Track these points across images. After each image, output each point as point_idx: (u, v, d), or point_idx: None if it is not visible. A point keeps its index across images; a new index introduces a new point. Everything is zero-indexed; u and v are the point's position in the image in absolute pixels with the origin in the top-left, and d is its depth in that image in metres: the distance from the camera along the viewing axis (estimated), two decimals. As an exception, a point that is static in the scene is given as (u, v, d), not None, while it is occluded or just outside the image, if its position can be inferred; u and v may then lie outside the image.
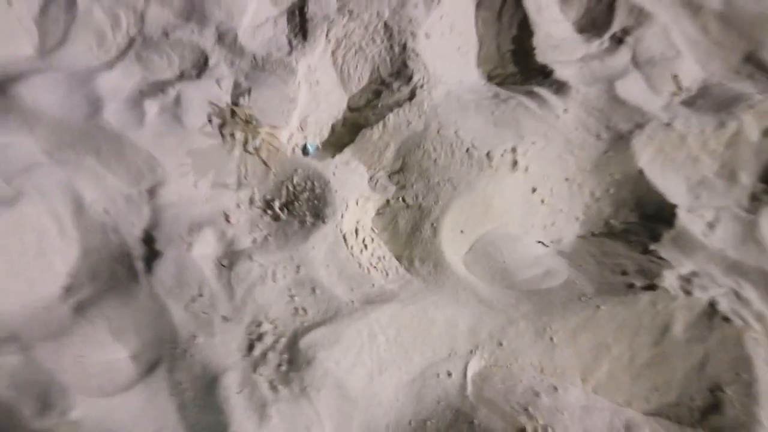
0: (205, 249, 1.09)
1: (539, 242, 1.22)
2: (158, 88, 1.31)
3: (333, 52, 1.44)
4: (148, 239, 1.10)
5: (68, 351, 0.99)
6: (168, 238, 1.10)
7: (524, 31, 1.54)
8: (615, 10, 1.59)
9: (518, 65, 1.49)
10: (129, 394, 0.94)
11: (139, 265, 1.07)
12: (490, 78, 1.49)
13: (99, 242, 1.10)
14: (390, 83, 1.40)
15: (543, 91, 1.41)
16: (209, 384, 0.94)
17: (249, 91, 1.33)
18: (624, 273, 1.17)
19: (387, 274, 1.13)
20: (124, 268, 1.07)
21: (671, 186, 1.30)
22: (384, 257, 1.16)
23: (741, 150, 1.35)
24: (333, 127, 1.36)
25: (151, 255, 1.08)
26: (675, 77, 1.47)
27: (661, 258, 1.18)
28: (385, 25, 1.47)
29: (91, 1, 1.44)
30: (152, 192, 1.16)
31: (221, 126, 1.28)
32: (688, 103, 1.43)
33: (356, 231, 1.17)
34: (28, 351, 0.97)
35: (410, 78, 1.39)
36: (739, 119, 1.36)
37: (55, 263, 1.07)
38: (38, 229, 1.09)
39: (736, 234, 1.23)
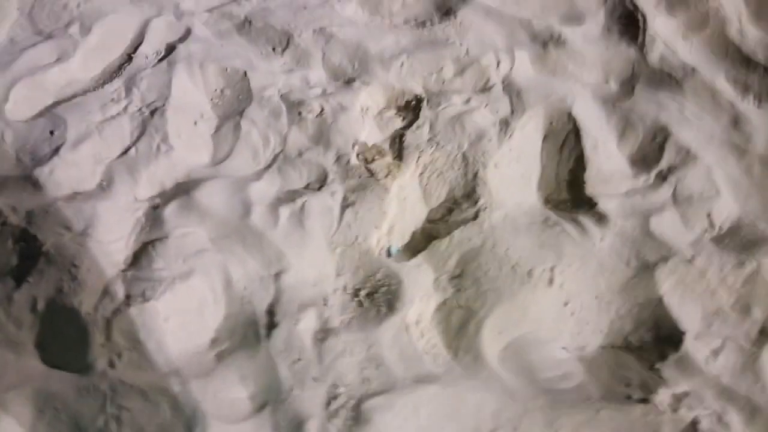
0: (308, 324, 1.54)
1: (564, 348, 1.54)
2: (290, 197, 1.82)
3: (420, 174, 1.88)
4: (271, 312, 1.58)
5: (210, 387, 1.48)
6: (284, 313, 1.58)
7: (579, 164, 1.88)
8: (665, 149, 1.87)
9: (571, 193, 1.83)
10: (245, 424, 1.41)
11: (263, 331, 1.55)
12: (545, 201, 1.84)
13: (238, 310, 1.60)
14: (461, 203, 1.80)
15: (585, 220, 1.73)
16: (297, 426, 1.38)
17: (353, 203, 1.79)
18: (627, 385, 1.45)
19: (436, 360, 1.52)
20: (252, 332, 1.56)
21: (687, 314, 1.56)
22: (436, 345, 1.55)
23: (757, 288, 1.58)
24: (413, 234, 1.78)
25: (271, 325, 1.55)
26: (709, 215, 1.72)
27: (661, 377, 1.45)
28: (463, 155, 1.89)
29: (250, 125, 2.00)
30: (277, 276, 1.65)
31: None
32: (717, 240, 1.68)
33: (417, 322, 1.58)
34: (185, 384, 1.47)
35: (476, 201, 1.78)
36: (758, 261, 1.59)
37: (208, 322, 1.58)
38: (201, 297, 1.61)
39: (736, 363, 1.46)
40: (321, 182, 1.83)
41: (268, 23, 2.30)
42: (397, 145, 1.91)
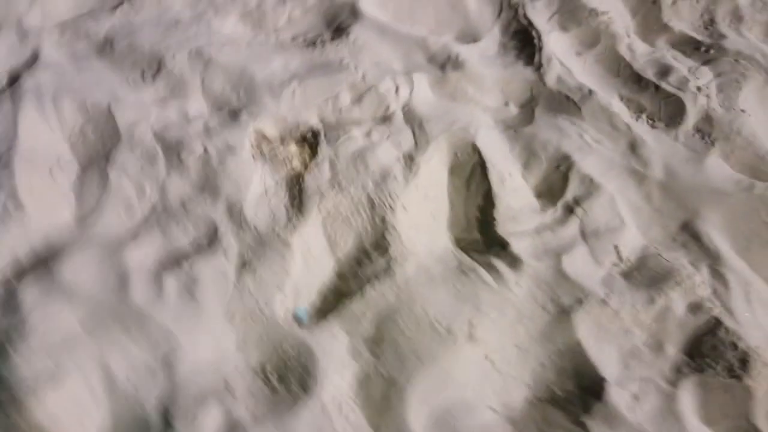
0: (209, 420, 1.34)
1: (491, 408, 1.46)
2: (175, 260, 1.57)
3: (323, 221, 1.70)
4: (164, 409, 1.35)
5: None
6: (179, 409, 1.35)
7: (488, 201, 1.80)
8: (569, 179, 1.84)
9: (482, 233, 1.75)
10: None
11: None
12: (457, 242, 1.75)
13: (124, 411, 1.35)
14: (370, 253, 1.66)
15: (499, 264, 1.66)
16: None
17: (251, 263, 1.59)
18: (555, 444, 1.41)
19: (358, 441, 1.38)
20: (142, 435, 1.33)
21: (605, 357, 1.54)
22: (358, 424, 1.41)
23: (668, 324, 1.59)
24: (321, 293, 1.62)
25: (166, 425, 1.33)
26: (616, 247, 1.72)
27: (587, 430, 1.42)
28: (369, 198, 1.74)
29: (120, 172, 1.71)
30: (167, 362, 1.41)
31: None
32: (626, 274, 1.68)
33: (335, 399, 1.42)
34: None
35: (387, 250, 1.65)
36: (668, 296, 1.60)
37: (89, 430, 1.32)
38: (76, 401, 1.34)
39: (658, 407, 1.46)
40: (211, 238, 1.61)
41: (133, 44, 1.98)
42: (296, 188, 1.72)
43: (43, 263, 1.50)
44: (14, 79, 1.85)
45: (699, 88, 2.05)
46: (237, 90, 1.91)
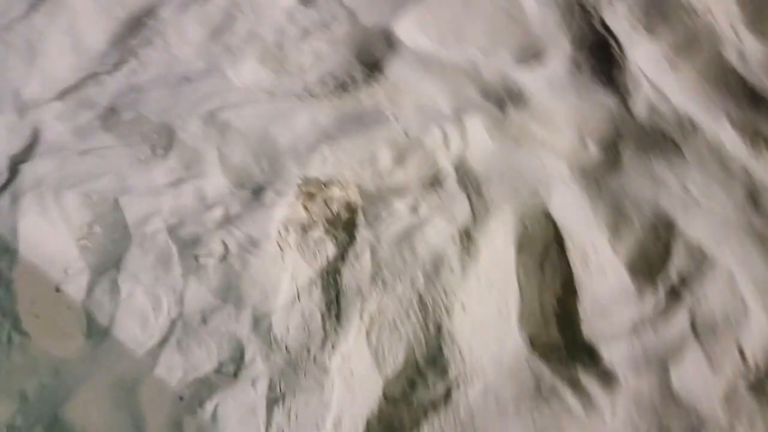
0: None
1: None
2: (196, 396, 1.34)
3: (367, 332, 1.42)
4: None
5: None
6: None
7: (568, 291, 1.45)
8: (671, 250, 1.45)
9: (563, 334, 1.41)
10: None
11: None
12: (532, 344, 1.42)
13: None
14: (425, 373, 1.36)
15: (589, 382, 1.33)
16: None
17: (284, 396, 1.33)
18: None
19: None
20: None
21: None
22: None
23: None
24: (368, 423, 1.35)
25: None
26: (740, 349, 1.34)
27: None
28: (420, 298, 1.43)
29: (133, 284, 1.48)
30: None
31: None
32: (755, 387, 1.31)
33: None
34: None
35: (445, 370, 1.35)
36: (813, 419, 1.22)
37: None
38: None
39: None
40: (237, 363, 1.35)
41: (140, 112, 1.72)
42: (332, 289, 1.43)
43: (49, 404, 1.30)
44: (14, 170, 1.63)
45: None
46: (259, 160, 1.62)
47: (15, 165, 1.67)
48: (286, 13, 1.93)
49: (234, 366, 1.38)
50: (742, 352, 1.33)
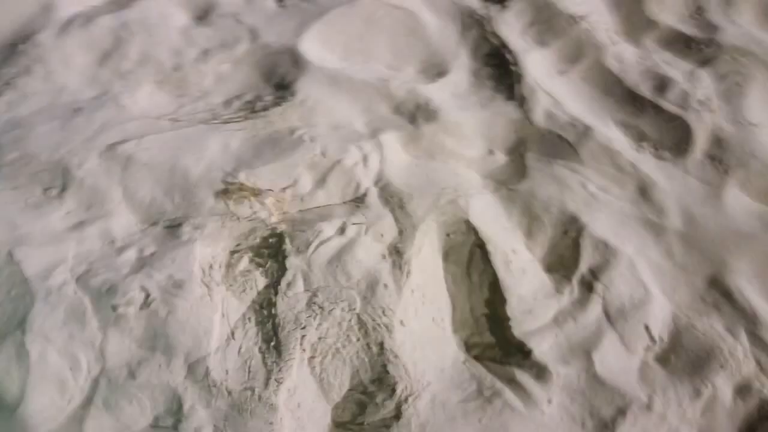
0: None
1: None
2: (136, 457, 1.25)
3: (310, 360, 1.40)
4: None
5: None
6: None
7: (496, 293, 1.53)
8: (580, 245, 1.59)
9: (495, 334, 1.49)
10: None
11: None
12: (468, 348, 1.48)
13: None
14: (373, 393, 1.38)
15: (524, 378, 1.42)
16: None
17: (232, 441, 1.29)
18: None
19: None
20: None
21: (657, 475, 1.34)
22: None
23: (717, 415, 1.40)
24: (321, 453, 1.34)
25: None
26: (647, 327, 1.49)
27: None
28: (359, 319, 1.44)
29: (43, 344, 1.35)
30: None
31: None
32: (663, 359, 1.47)
33: None
34: None
35: (393, 389, 1.37)
36: (713, 383, 1.40)
37: None
38: None
39: None
40: (175, 415, 1.28)
41: (26, 151, 1.55)
42: (268, 323, 1.40)
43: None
44: None
45: (701, 102, 1.79)
46: (170, 194, 1.53)
47: None
48: (180, 33, 1.84)
49: (172, 419, 1.31)
50: (649, 331, 1.48)
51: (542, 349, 1.42)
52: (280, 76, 1.79)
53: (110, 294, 1.38)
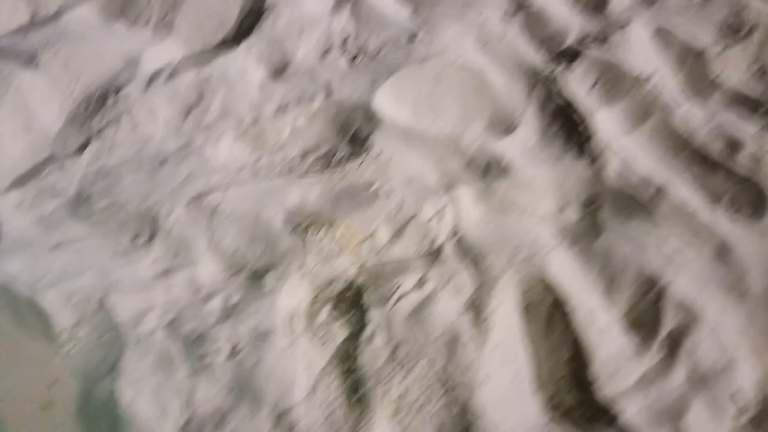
0: None
1: None
2: None
3: (393, 416, 1.39)
4: None
5: None
6: None
7: (578, 354, 1.51)
8: (660, 309, 1.57)
9: (578, 396, 1.47)
10: None
11: None
12: (550, 408, 1.46)
13: None
14: (457, 456, 1.36)
15: (612, 446, 1.38)
16: None
17: (317, 499, 1.27)
18: None
19: None
20: None
21: None
22: None
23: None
24: None
25: None
26: (734, 395, 1.45)
27: None
28: (441, 377, 1.43)
29: (134, 391, 1.36)
30: None
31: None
32: (754, 427, 1.42)
33: None
34: None
35: (478, 453, 1.35)
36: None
37: None
38: None
39: None
40: (262, 469, 1.27)
41: (116, 200, 1.61)
42: (350, 377, 1.40)
43: None
44: (-27, 276, 1.46)
45: (773, 166, 1.79)
46: (254, 244, 1.57)
47: (-29, 268, 1.49)
48: (258, 89, 1.92)
49: (258, 472, 1.30)
50: (735, 397, 1.45)
51: (628, 414, 1.40)
52: (355, 131, 1.85)
53: (198, 343, 1.41)
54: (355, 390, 1.41)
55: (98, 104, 1.83)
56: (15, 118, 1.78)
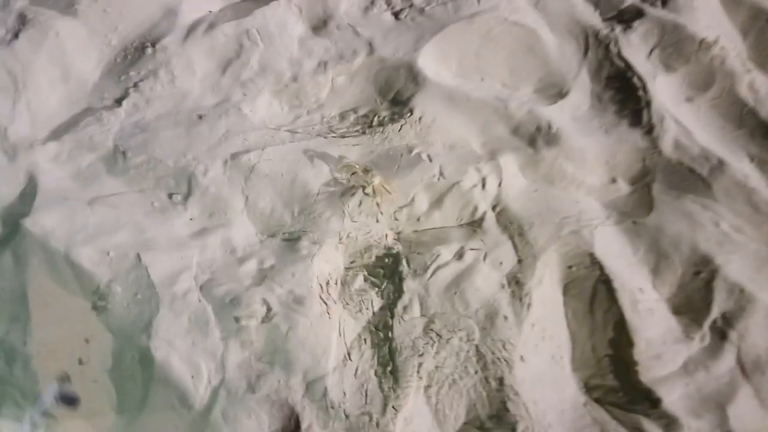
0: None
1: None
2: (255, 474, 1.25)
3: (426, 390, 1.37)
4: None
5: None
6: None
7: (622, 335, 1.45)
8: (713, 290, 1.49)
9: (619, 378, 1.42)
10: None
11: None
12: (588, 389, 1.41)
13: None
14: (490, 429, 1.33)
15: (653, 429, 1.34)
16: None
17: (349, 467, 1.27)
18: None
19: None
20: None
21: None
22: None
23: None
24: (436, 487, 1.30)
25: None
26: (787, 384, 1.38)
27: None
28: (477, 351, 1.39)
29: (167, 350, 1.36)
30: None
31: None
32: (805, 421, 1.36)
33: None
34: None
35: (513, 428, 1.32)
36: None
37: None
38: None
39: None
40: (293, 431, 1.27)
41: (152, 155, 1.58)
42: (385, 347, 1.37)
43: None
44: (13, 226, 1.46)
45: None
46: (290, 206, 1.53)
47: (13, 218, 1.49)
48: (299, 43, 1.84)
49: (290, 435, 1.30)
50: (788, 388, 1.37)
51: (672, 398, 1.34)
52: (397, 91, 1.76)
53: (233, 305, 1.39)
54: (389, 360, 1.38)
55: (136, 55, 1.78)
56: (52, 68, 1.76)
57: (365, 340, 1.40)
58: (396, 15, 1.89)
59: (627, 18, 1.92)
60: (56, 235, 1.45)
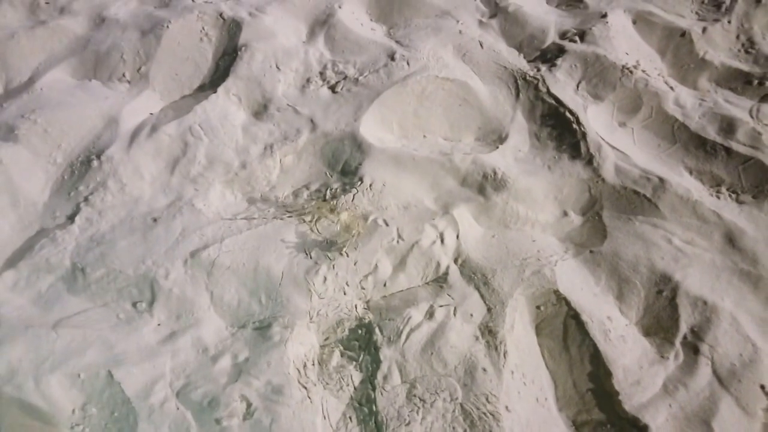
0: None
1: None
2: None
3: (418, 458, 1.36)
4: None
5: None
6: None
7: (599, 367, 1.47)
8: (678, 306, 1.53)
9: (604, 411, 1.43)
10: None
11: None
12: (577, 427, 1.42)
13: None
14: (488, 487, 1.32)
15: (647, 460, 1.34)
16: None
17: None
18: None
19: None
20: None
21: None
22: None
23: None
24: None
25: None
26: (762, 387, 1.41)
27: None
28: (463, 409, 1.39)
29: None
30: None
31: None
32: (786, 423, 1.38)
33: None
34: None
35: (509, 481, 1.31)
36: None
37: None
38: None
39: None
40: None
41: (111, 267, 1.58)
42: (371, 422, 1.36)
43: None
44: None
45: (774, 139, 1.74)
46: (256, 295, 1.53)
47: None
48: (242, 131, 1.89)
49: None
50: (764, 388, 1.41)
51: (659, 423, 1.36)
52: (345, 162, 1.81)
53: (212, 407, 1.37)
54: (376, 429, 1.37)
55: (83, 169, 1.80)
56: (0, 197, 1.75)
57: (350, 417, 1.39)
58: (332, 89, 1.96)
59: (550, 57, 2.02)
60: (23, 368, 1.42)
